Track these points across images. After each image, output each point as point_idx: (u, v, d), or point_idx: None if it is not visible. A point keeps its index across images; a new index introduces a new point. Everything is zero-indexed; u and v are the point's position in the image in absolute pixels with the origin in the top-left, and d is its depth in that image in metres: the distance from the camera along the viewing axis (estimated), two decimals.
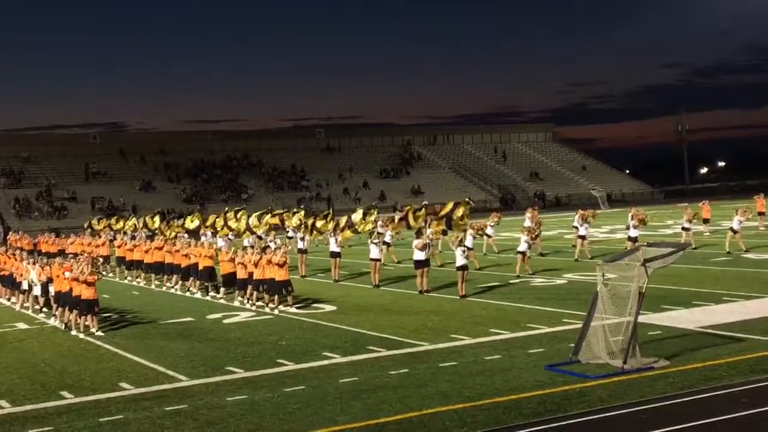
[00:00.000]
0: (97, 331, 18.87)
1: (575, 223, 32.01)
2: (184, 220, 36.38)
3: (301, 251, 29.63)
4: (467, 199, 35.08)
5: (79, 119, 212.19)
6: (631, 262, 13.63)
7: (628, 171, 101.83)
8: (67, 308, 19.68)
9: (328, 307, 21.32)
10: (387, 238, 30.53)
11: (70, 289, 19.29)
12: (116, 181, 74.52)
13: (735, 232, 29.89)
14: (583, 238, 30.20)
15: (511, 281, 24.69)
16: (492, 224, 33.24)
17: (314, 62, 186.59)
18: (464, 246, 22.58)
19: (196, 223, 35.27)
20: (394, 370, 13.86)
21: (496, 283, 24.32)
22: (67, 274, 19.42)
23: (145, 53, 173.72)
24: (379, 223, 30.12)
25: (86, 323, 19.10)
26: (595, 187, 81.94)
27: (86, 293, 18.84)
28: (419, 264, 23.25)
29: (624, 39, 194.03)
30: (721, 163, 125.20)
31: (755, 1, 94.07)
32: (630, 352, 13.05)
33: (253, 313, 20.76)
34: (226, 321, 19.97)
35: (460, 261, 21.94)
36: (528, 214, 34.92)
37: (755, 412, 10.66)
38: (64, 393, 13.44)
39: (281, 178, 79.42)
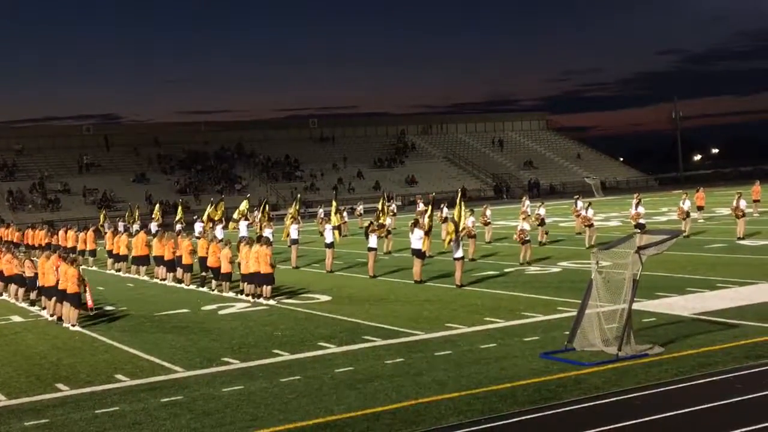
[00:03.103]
0: (74, 325, 18.71)
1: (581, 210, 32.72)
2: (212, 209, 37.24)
3: (294, 242, 29.60)
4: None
5: (72, 111, 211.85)
6: (626, 249, 13.65)
7: (621, 159, 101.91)
8: (54, 300, 19.70)
9: (323, 297, 21.33)
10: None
11: (57, 282, 19.39)
12: (109, 172, 74.32)
13: (743, 215, 30.11)
14: (590, 225, 30.48)
15: (506, 270, 24.73)
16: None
17: (308, 52, 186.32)
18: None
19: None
20: (390, 360, 13.87)
21: (492, 272, 24.34)
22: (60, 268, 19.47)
23: (138, 44, 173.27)
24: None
25: (66, 313, 19.01)
26: (589, 175, 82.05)
27: (72, 288, 18.88)
28: (417, 253, 23.27)
29: (617, 27, 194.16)
30: (715, 150, 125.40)
31: None
32: (624, 339, 13.08)
33: (248, 304, 20.74)
34: (221, 312, 19.97)
35: (458, 252, 21.99)
36: (527, 202, 35.28)
37: (750, 398, 10.70)
38: (60, 385, 13.43)
39: (275, 169, 79.28)
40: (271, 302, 20.69)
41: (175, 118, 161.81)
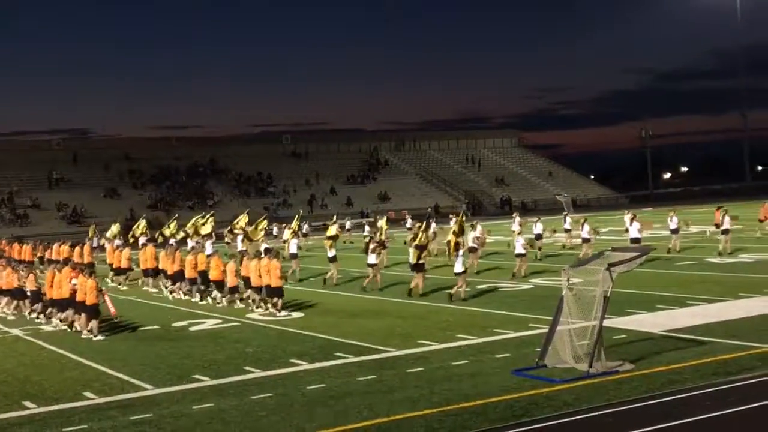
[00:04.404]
0: (97, 336, 18.88)
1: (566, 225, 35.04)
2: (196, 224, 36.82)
3: (294, 256, 29.73)
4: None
5: (43, 125, 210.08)
6: (596, 266, 13.75)
7: (592, 176, 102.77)
8: (72, 311, 19.94)
9: (296, 314, 21.25)
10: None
11: (72, 294, 19.65)
12: (80, 187, 73.63)
13: (726, 232, 30.48)
14: (587, 241, 30.92)
15: (479, 286, 24.77)
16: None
17: (280, 68, 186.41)
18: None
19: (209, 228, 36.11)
20: (362, 377, 13.83)
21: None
22: (74, 281, 19.68)
23: (108, 59, 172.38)
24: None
25: (87, 327, 19.22)
26: (560, 192, 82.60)
27: (90, 299, 19.15)
28: (416, 267, 23.63)
29: (588, 45, 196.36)
30: (684, 168, 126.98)
31: (718, 8, 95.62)
32: (595, 355, 13.15)
33: (220, 321, 20.63)
34: (192, 328, 19.82)
35: (459, 267, 22.14)
36: (518, 219, 35.74)
37: (719, 415, 10.78)
38: (27, 403, 13.25)
39: (247, 185, 79.03)
40: (283, 313, 20.97)
41: (146, 134, 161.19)
